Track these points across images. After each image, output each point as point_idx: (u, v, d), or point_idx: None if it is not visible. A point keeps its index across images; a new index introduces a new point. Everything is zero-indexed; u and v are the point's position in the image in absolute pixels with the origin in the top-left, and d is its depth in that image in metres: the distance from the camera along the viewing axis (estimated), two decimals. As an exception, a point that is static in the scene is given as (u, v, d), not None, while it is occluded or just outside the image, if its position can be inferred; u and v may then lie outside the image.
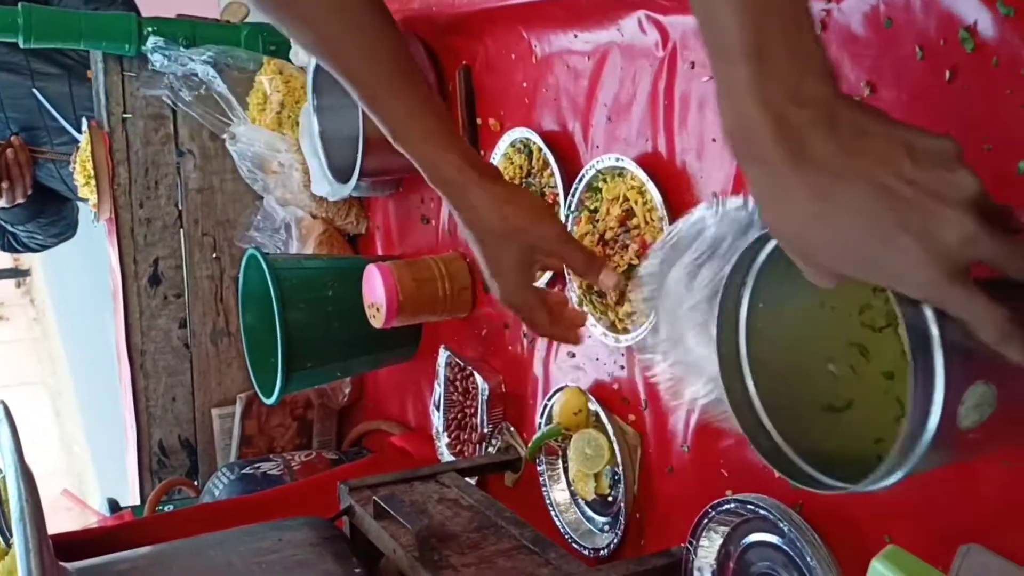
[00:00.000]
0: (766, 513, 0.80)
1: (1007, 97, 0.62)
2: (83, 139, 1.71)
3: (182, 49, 1.63)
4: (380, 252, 1.58)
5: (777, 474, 0.60)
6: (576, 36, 1.05)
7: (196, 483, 1.73)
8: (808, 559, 0.76)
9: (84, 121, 1.73)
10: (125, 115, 1.68)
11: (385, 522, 0.99)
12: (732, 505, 0.83)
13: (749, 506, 0.82)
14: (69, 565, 0.93)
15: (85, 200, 1.77)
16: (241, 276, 1.47)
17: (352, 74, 0.82)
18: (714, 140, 0.88)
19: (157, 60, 1.62)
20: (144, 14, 1.74)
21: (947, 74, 0.66)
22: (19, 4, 1.58)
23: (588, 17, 1.02)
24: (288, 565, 0.94)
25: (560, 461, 1.12)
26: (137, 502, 1.74)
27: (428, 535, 0.94)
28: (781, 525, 0.78)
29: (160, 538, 1.05)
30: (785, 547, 0.80)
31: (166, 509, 1.62)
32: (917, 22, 0.68)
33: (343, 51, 0.81)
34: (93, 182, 1.67)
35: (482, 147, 1.24)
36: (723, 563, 0.86)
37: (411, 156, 0.83)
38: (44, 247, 2.34)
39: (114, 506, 1.68)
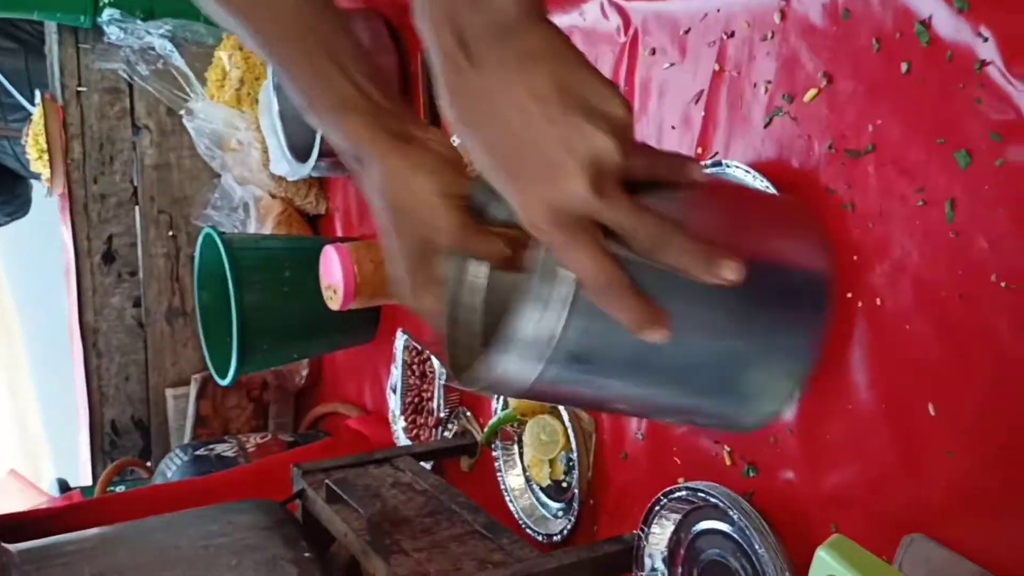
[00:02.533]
0: (716, 501, 0.80)
1: (960, 92, 0.62)
2: (36, 112, 1.67)
3: (139, 22, 1.59)
4: (340, 233, 1.56)
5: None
6: (538, 19, 1.04)
7: (149, 464, 1.71)
8: (757, 547, 0.77)
9: (37, 94, 1.69)
10: (80, 88, 1.64)
11: (337, 506, 0.98)
12: (684, 493, 0.83)
13: (700, 494, 0.82)
14: (12, 547, 0.91)
15: (38, 176, 1.74)
16: (197, 255, 1.45)
17: (261, 36, 0.71)
18: (673, 127, 0.87)
19: (113, 33, 1.59)
20: (103, -15, 1.70)
21: (903, 67, 0.66)
22: (-30, -29, 1.54)
23: (550, 0, 1.01)
24: (236, 549, 0.93)
25: (516, 446, 1.12)
26: (89, 483, 1.71)
27: (380, 519, 0.93)
28: (731, 513, 0.79)
29: (108, 520, 1.04)
30: (735, 535, 0.80)
31: (117, 490, 1.60)
32: (874, 14, 0.68)
33: (252, 13, 0.70)
34: (46, 156, 1.63)
35: (444, 130, 1.23)
36: (674, 550, 0.86)
37: (317, 124, 0.71)
38: (-6, 225, 2.30)
39: (64, 487, 1.65)
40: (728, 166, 0.79)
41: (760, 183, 0.75)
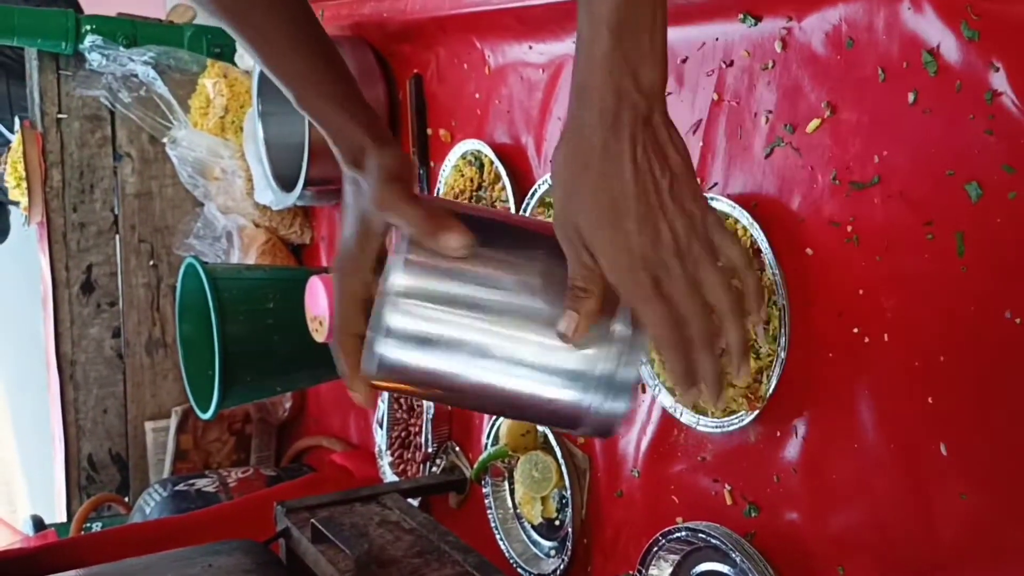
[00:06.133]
0: (717, 542, 0.78)
1: (969, 123, 0.61)
2: (15, 139, 1.64)
3: (122, 49, 1.57)
4: (325, 263, 1.53)
5: None
6: (531, 47, 1.03)
7: (127, 500, 1.66)
8: (760, 590, 0.74)
9: (17, 121, 1.66)
10: (60, 115, 1.61)
11: (323, 546, 0.95)
12: (683, 533, 0.81)
13: (700, 535, 0.79)
14: (-18, 592, 0.87)
15: (16, 203, 1.71)
16: (179, 285, 1.42)
17: (257, 36, 0.75)
18: (670, 158, 0.86)
19: (95, 59, 1.56)
20: (87, 11, 1.68)
21: (910, 97, 0.64)
22: (-51, -4, 1.52)
23: (543, 28, 1.00)
24: (218, 593, 0.89)
25: (506, 483, 1.09)
26: (64, 519, 1.66)
27: (368, 560, 0.90)
28: (733, 555, 0.76)
29: (84, 561, 1.00)
30: (736, 577, 0.78)
31: (94, 527, 1.55)
32: (880, 43, 0.66)
33: (249, 15, 0.74)
34: (24, 184, 1.60)
35: (432, 158, 1.21)
36: (672, 592, 0.84)
37: (314, 119, 0.75)
38: (-28, 252, 2.26)
39: (38, 524, 1.60)
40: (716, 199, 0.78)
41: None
